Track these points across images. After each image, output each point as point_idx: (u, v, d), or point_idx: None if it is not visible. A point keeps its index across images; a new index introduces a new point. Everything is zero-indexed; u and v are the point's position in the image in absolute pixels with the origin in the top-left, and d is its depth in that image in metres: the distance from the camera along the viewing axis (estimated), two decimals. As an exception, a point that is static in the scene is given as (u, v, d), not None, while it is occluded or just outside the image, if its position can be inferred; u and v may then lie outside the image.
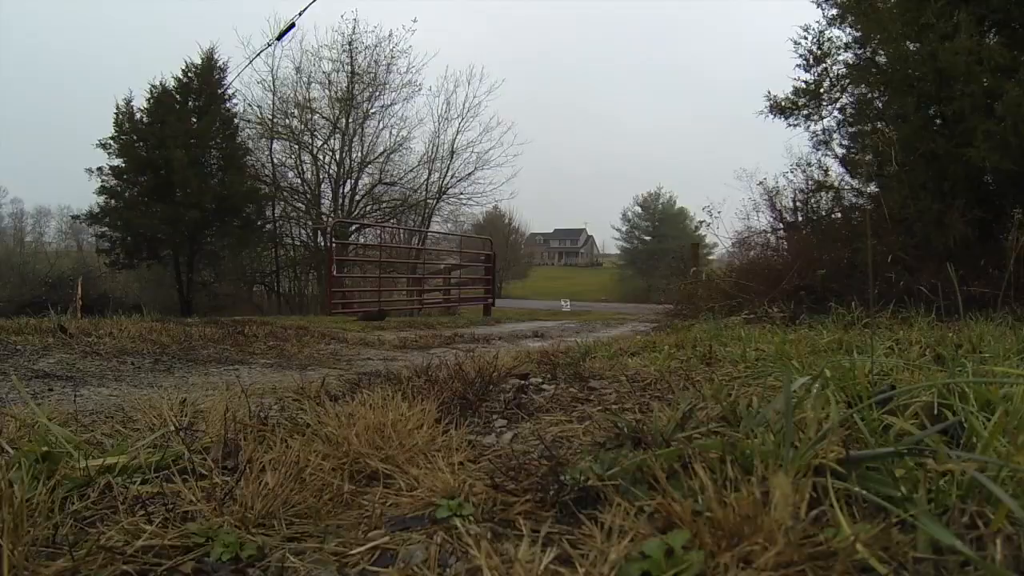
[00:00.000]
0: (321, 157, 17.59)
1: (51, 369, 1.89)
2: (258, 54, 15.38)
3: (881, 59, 6.24)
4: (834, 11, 6.75)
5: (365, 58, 17.07)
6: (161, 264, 15.73)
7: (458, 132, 18.03)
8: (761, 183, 8.00)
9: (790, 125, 7.23)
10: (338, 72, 16.98)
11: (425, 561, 0.56)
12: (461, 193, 18.59)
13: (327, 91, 17.07)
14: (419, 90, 17.58)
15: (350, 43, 16.82)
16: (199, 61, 16.06)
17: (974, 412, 0.75)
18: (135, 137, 15.20)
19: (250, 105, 16.65)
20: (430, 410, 1.07)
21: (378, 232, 17.79)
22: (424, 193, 18.25)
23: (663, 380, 1.43)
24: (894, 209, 5.29)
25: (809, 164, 7.34)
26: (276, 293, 17.46)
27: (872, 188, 6.69)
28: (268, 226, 17.31)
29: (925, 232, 5.00)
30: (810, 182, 7.32)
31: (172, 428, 0.99)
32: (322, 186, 17.79)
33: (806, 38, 6.92)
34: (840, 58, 6.86)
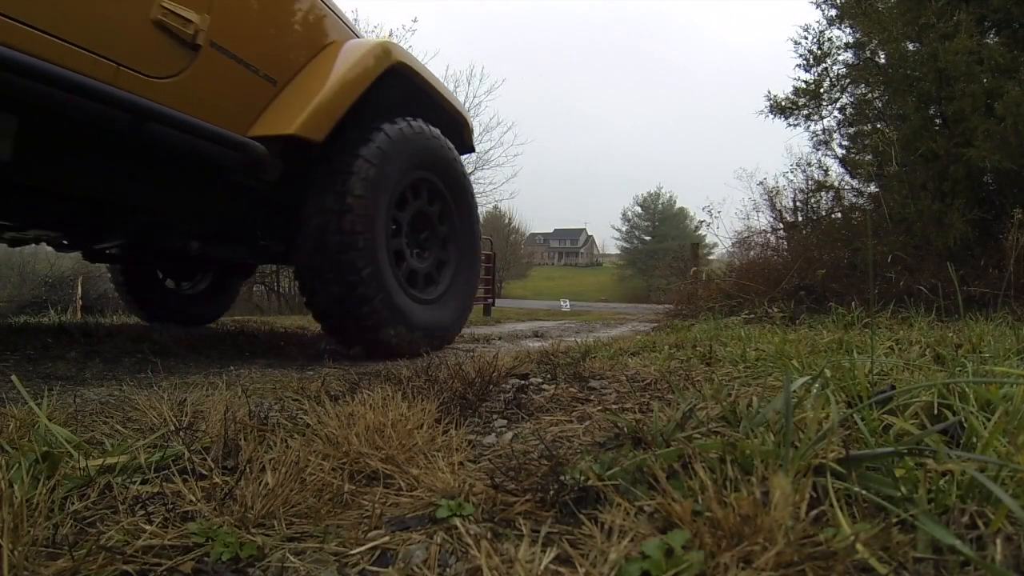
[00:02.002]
0: (321, 157, 17.55)
1: (51, 369, 1.89)
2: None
3: (881, 59, 6.24)
4: (834, 11, 6.75)
5: (365, 58, 17.04)
6: (161, 264, 15.66)
7: (458, 132, 18.04)
8: (761, 183, 8.02)
9: (790, 125, 7.25)
10: (338, 72, 16.97)
11: (425, 561, 0.56)
12: (461, 193, 18.58)
13: (327, 91, 17.06)
14: (419, 90, 17.57)
15: (350, 43, 16.80)
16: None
17: (974, 412, 0.75)
18: (135, 137, 15.16)
19: (250, 105, 16.61)
20: (430, 410, 1.07)
21: (378, 232, 17.74)
22: (424, 193, 18.23)
23: (663, 380, 1.43)
24: (894, 209, 5.29)
25: (809, 164, 7.35)
26: (276, 293, 17.44)
27: (872, 188, 6.69)
28: (268, 226, 17.29)
29: (925, 232, 5.00)
30: (810, 182, 7.34)
31: (172, 428, 0.99)
32: (322, 186, 17.74)
33: (806, 38, 6.93)
34: (840, 58, 6.87)
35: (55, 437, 0.86)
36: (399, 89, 2.45)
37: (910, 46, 5.60)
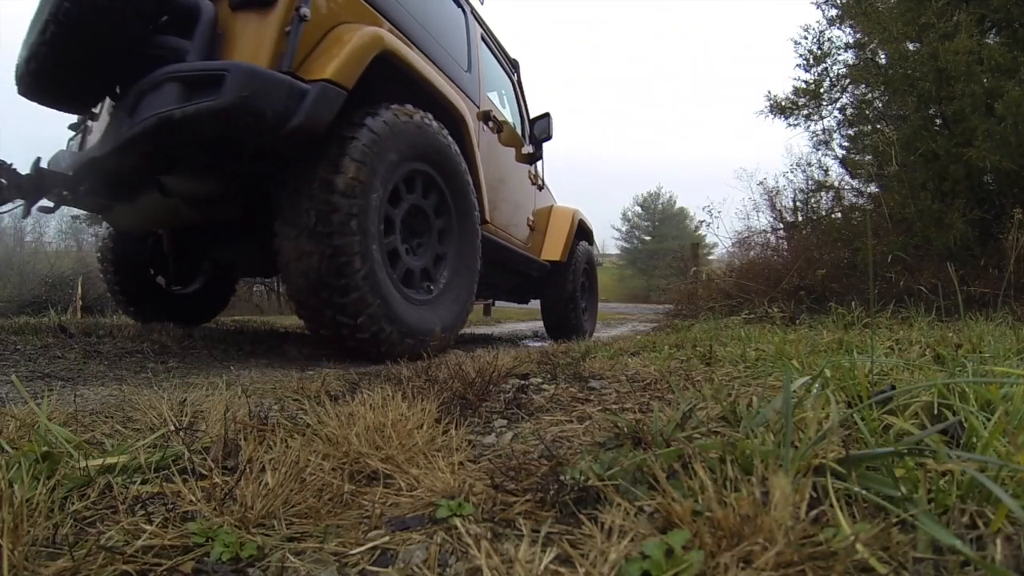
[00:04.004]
0: (321, 157, 17.59)
1: (51, 369, 1.89)
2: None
3: (881, 59, 6.25)
4: (834, 11, 6.76)
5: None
6: (161, 264, 15.63)
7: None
8: (761, 183, 8.03)
9: (790, 125, 7.27)
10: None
11: (425, 561, 0.56)
12: (461, 193, 18.60)
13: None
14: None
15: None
16: (199, 61, 16.04)
17: (974, 412, 0.75)
18: (135, 137, 15.13)
19: (250, 105, 16.63)
20: (430, 410, 1.07)
21: (378, 232, 17.76)
22: (424, 193, 18.28)
23: (663, 380, 1.43)
24: (894, 209, 5.30)
25: (809, 164, 7.36)
26: (276, 293, 17.41)
27: (872, 188, 6.70)
28: (268, 226, 17.34)
29: (925, 232, 5.00)
30: (810, 182, 7.35)
31: (172, 428, 0.99)
32: (322, 186, 17.76)
33: (806, 38, 6.94)
34: (840, 58, 6.88)
35: (55, 437, 0.86)
36: (579, 229, 5.34)
37: (910, 46, 5.61)
